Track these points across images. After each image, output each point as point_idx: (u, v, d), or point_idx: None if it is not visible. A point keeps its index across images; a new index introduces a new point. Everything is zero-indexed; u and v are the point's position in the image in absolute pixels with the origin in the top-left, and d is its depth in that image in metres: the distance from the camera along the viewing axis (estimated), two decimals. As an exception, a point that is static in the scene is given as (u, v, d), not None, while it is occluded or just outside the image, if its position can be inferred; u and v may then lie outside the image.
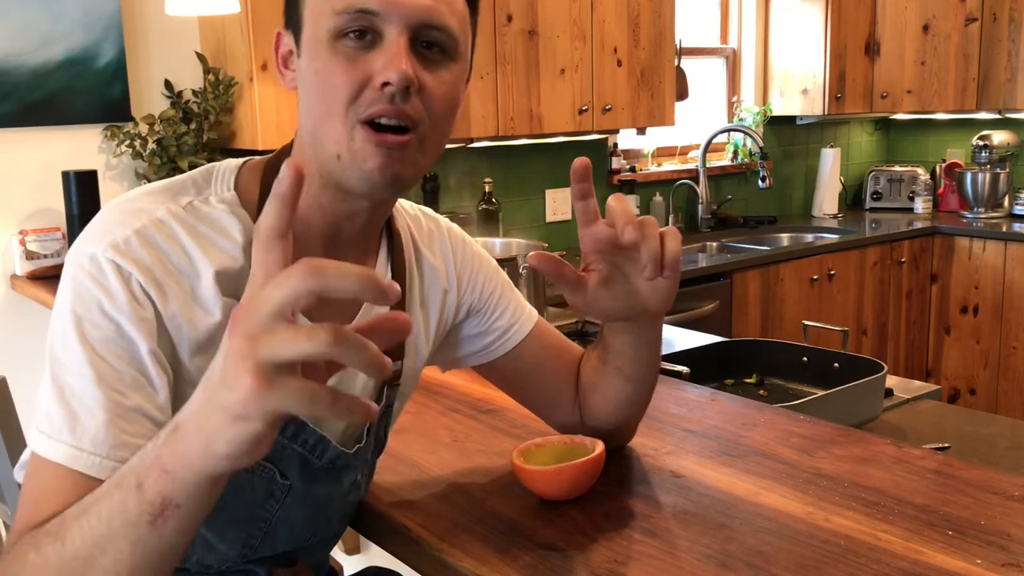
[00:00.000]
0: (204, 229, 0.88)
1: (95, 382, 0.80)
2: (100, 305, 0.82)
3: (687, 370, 1.59)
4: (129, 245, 0.84)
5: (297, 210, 0.90)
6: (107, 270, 0.82)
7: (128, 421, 0.81)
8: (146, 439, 0.79)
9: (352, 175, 0.88)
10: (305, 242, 0.94)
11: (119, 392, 0.81)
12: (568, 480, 1.04)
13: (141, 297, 0.83)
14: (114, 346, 0.82)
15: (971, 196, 4.14)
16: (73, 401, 0.80)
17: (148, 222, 0.86)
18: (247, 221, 0.90)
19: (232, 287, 0.88)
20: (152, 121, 2.68)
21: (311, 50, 0.88)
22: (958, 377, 4.02)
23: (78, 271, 0.84)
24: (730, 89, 4.25)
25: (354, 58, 0.85)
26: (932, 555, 0.91)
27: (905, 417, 1.63)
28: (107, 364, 0.81)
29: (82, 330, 0.81)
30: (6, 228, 2.57)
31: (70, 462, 0.79)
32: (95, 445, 0.80)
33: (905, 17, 4.09)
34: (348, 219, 0.94)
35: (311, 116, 0.89)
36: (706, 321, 3.13)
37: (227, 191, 0.92)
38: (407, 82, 0.85)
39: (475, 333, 1.13)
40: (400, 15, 0.85)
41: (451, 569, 0.94)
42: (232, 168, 0.95)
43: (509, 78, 2.97)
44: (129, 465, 0.70)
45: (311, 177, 0.92)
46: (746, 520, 0.99)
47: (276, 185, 0.64)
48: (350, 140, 0.86)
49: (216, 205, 0.90)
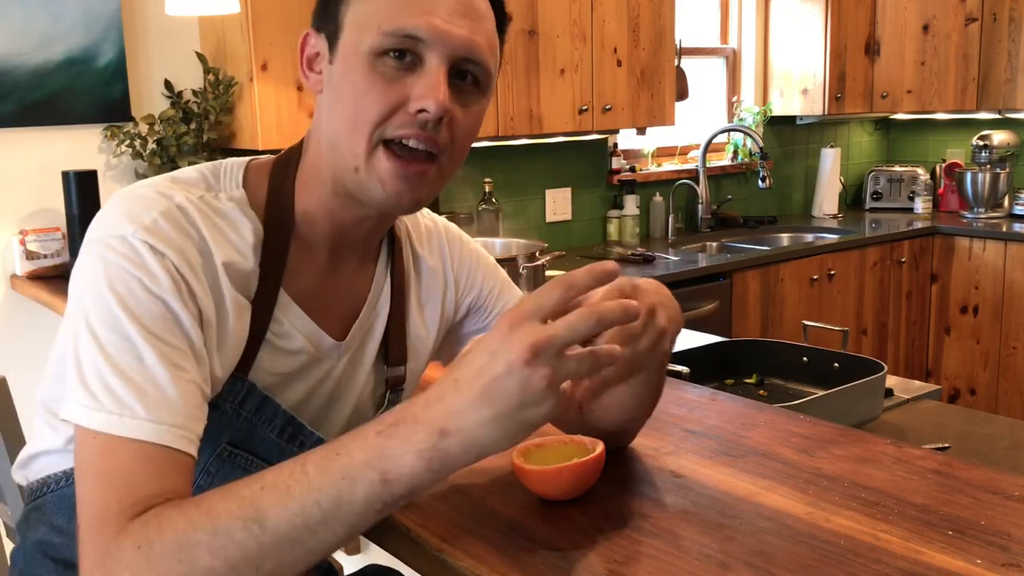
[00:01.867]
0: (218, 221, 0.89)
1: (158, 359, 0.80)
2: (143, 284, 0.82)
3: (687, 370, 1.59)
4: (158, 227, 0.84)
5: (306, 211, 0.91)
6: (142, 250, 0.82)
7: (191, 393, 0.82)
8: (200, 408, 0.82)
9: (370, 192, 0.89)
10: (310, 242, 0.94)
11: (179, 367, 0.81)
12: (568, 480, 1.04)
13: (177, 276, 0.83)
14: (164, 323, 0.82)
15: (971, 196, 4.14)
16: (138, 378, 0.79)
17: (171, 206, 0.86)
18: (256, 222, 0.91)
19: (239, 281, 0.89)
20: (152, 121, 2.68)
21: (349, 61, 0.88)
22: (958, 377, 4.02)
23: (109, 253, 0.83)
24: (730, 89, 4.25)
25: (392, 79, 0.86)
26: (932, 555, 0.91)
27: (905, 417, 1.63)
28: (163, 342, 0.81)
29: (130, 310, 0.81)
30: (6, 228, 2.57)
31: (155, 438, 0.78)
32: (173, 418, 0.79)
33: (905, 17, 4.09)
34: (355, 225, 0.95)
35: (333, 123, 0.89)
36: (706, 321, 3.13)
37: (236, 189, 0.93)
38: (444, 113, 0.86)
39: (475, 330, 1.13)
40: (444, 45, 0.86)
41: (451, 569, 0.94)
42: (239, 165, 0.95)
43: (509, 78, 2.97)
44: (348, 455, 0.73)
45: (323, 182, 0.92)
46: (746, 520, 0.99)
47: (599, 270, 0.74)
48: (370, 157, 0.87)
49: (226, 202, 0.91)
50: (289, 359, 0.94)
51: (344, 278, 0.99)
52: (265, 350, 0.92)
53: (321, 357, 0.96)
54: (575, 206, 3.67)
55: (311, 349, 0.95)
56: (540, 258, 1.99)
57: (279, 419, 0.93)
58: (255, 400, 0.91)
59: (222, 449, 0.92)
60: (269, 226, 0.92)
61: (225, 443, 0.91)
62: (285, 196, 0.93)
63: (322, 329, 0.96)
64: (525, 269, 1.94)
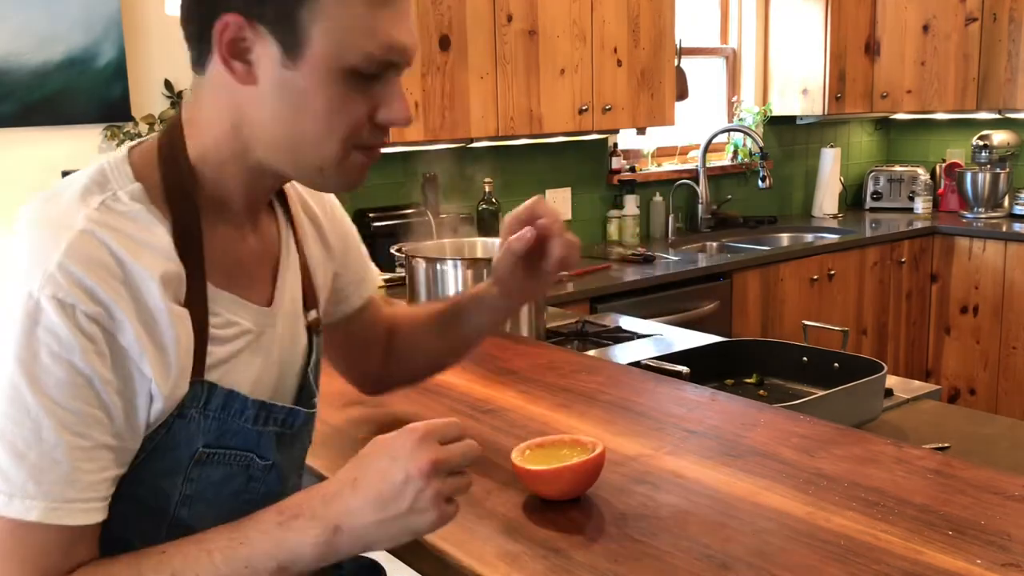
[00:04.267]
0: (129, 230, 0.84)
1: (56, 431, 0.78)
2: (48, 348, 0.78)
3: (687, 370, 1.59)
4: (64, 271, 0.79)
5: (221, 188, 0.92)
6: (48, 309, 0.78)
7: (91, 461, 0.80)
8: (107, 471, 0.83)
9: (328, 185, 0.95)
10: (218, 221, 0.93)
11: (80, 435, 0.80)
12: (568, 480, 1.04)
13: (88, 328, 0.79)
14: (68, 388, 0.79)
15: (971, 196, 4.14)
16: (32, 455, 0.78)
17: (74, 238, 0.81)
18: (163, 219, 0.88)
19: (173, 288, 0.86)
20: (152, 121, 2.68)
21: (321, 73, 0.86)
22: (958, 377, 4.02)
23: (17, 315, 0.79)
24: (730, 89, 4.25)
25: (363, 91, 0.88)
26: (932, 555, 0.91)
27: (905, 417, 1.63)
28: (65, 410, 0.79)
29: (34, 379, 0.78)
30: (6, 228, 2.57)
31: (47, 518, 0.78)
32: (66, 494, 0.79)
33: (905, 17, 4.09)
34: (265, 192, 0.98)
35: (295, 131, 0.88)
36: (706, 321, 3.13)
37: (130, 182, 0.88)
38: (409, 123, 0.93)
39: (342, 285, 1.18)
40: (406, 60, 0.91)
41: (451, 569, 0.94)
42: (121, 159, 0.91)
43: (509, 78, 2.97)
44: (248, 545, 0.83)
45: (234, 159, 0.91)
46: (746, 520, 0.99)
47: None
48: (343, 159, 0.90)
49: (128, 202, 0.86)
50: (235, 344, 0.93)
51: (253, 242, 0.99)
52: (212, 344, 0.90)
53: (261, 330, 0.96)
54: (575, 206, 3.67)
55: (251, 325, 0.95)
56: (540, 258, 1.98)
57: (249, 409, 0.93)
58: (219, 398, 0.90)
59: (199, 454, 0.90)
60: (177, 219, 0.89)
61: (201, 447, 0.90)
62: (185, 181, 0.90)
63: (252, 301, 0.95)
64: (525, 269, 1.94)
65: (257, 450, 0.95)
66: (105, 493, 0.82)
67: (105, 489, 0.82)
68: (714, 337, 2.01)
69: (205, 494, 0.93)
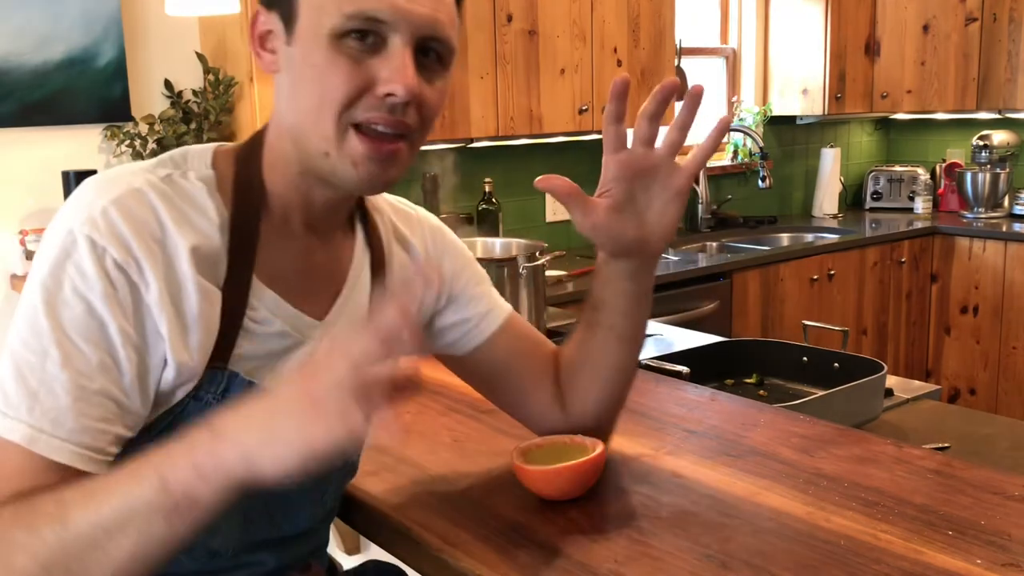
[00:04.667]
0: (181, 203, 0.87)
1: (61, 363, 0.79)
2: (72, 283, 0.81)
3: (687, 370, 1.59)
4: (106, 216, 0.82)
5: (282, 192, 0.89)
6: (82, 246, 0.81)
7: (92, 405, 0.80)
8: (108, 423, 0.81)
9: (342, 174, 0.88)
10: (284, 224, 0.94)
11: (85, 375, 0.80)
12: (568, 480, 1.04)
13: (115, 274, 0.82)
14: (83, 326, 0.81)
15: (971, 196, 4.14)
16: (32, 379, 0.79)
17: (125, 191, 0.85)
18: (221, 205, 0.90)
19: (207, 267, 0.87)
20: (152, 121, 2.68)
21: (308, 43, 0.86)
22: (958, 377, 4.02)
23: (54, 246, 0.83)
24: (730, 89, 4.25)
25: (357, 60, 0.85)
26: (932, 555, 0.91)
27: (905, 417, 1.63)
28: (74, 345, 0.80)
29: (52, 307, 0.80)
30: (6, 228, 2.57)
31: (28, 443, 0.78)
32: (55, 427, 0.79)
33: (905, 17, 4.09)
34: (325, 204, 0.95)
35: (297, 108, 0.88)
36: (706, 321, 3.13)
37: (205, 168, 0.91)
38: (413, 97, 0.85)
39: (451, 323, 1.11)
40: (408, 24, 0.85)
41: (451, 569, 0.94)
42: (207, 150, 0.94)
43: (509, 78, 2.97)
44: (147, 460, 0.73)
45: (289, 164, 0.92)
46: (746, 520, 0.99)
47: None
48: (340, 140, 0.86)
49: (195, 181, 0.89)
50: (270, 342, 0.93)
51: (323, 258, 0.98)
52: (244, 337, 0.90)
53: (304, 338, 0.96)
54: (575, 206, 3.67)
55: (292, 332, 0.94)
56: (540, 258, 1.99)
57: None
58: (238, 388, 0.90)
59: None
60: (237, 210, 0.90)
61: None
62: (254, 179, 0.92)
63: (302, 311, 0.95)
64: (525, 269, 1.94)
65: None
66: (103, 446, 0.81)
67: (106, 443, 0.81)
68: (714, 337, 2.01)
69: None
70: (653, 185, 0.98)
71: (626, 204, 0.98)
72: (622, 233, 0.99)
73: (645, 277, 1.05)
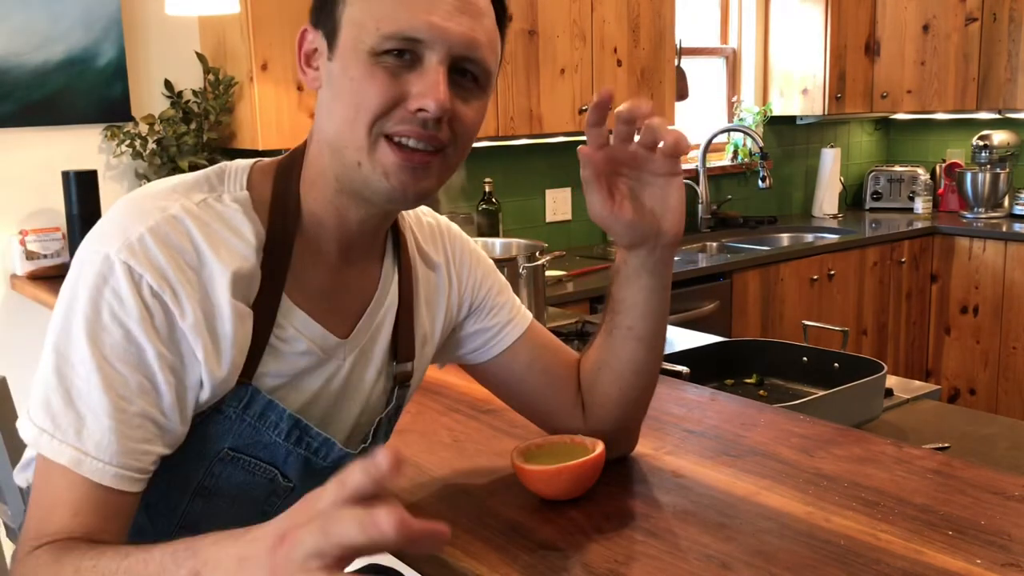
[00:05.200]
0: (217, 228, 0.88)
1: (102, 388, 0.82)
2: (111, 309, 0.83)
3: (687, 370, 1.59)
4: (143, 244, 0.84)
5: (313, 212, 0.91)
6: (119, 272, 0.83)
7: (132, 427, 0.83)
8: (149, 443, 0.84)
9: (375, 185, 0.89)
10: (318, 242, 0.94)
11: (125, 399, 0.82)
12: (568, 480, 1.04)
13: (151, 301, 0.84)
14: (122, 351, 0.83)
15: (971, 196, 4.14)
16: (79, 404, 0.82)
17: (162, 219, 0.86)
18: (258, 224, 0.91)
19: (242, 288, 0.88)
20: (152, 121, 2.68)
21: (348, 58, 0.88)
22: (958, 377, 4.02)
23: (90, 271, 0.84)
24: (730, 89, 4.25)
25: (393, 74, 0.86)
26: (932, 555, 0.91)
27: (905, 417, 1.63)
28: (114, 370, 0.82)
29: (92, 333, 0.82)
30: (6, 228, 2.57)
31: (75, 466, 0.81)
32: (99, 450, 0.81)
33: (905, 17, 4.09)
34: (361, 222, 0.95)
35: (334, 120, 0.90)
36: (706, 321, 3.13)
37: (240, 190, 0.93)
38: (444, 113, 0.87)
39: (473, 331, 1.13)
40: (443, 43, 0.86)
41: (451, 569, 0.94)
42: (244, 167, 0.95)
43: (509, 78, 2.97)
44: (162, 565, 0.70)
45: (327, 180, 0.93)
46: (746, 520, 0.99)
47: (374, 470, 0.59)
48: (372, 150, 0.87)
49: (230, 204, 0.90)
50: (295, 361, 0.94)
51: (352, 276, 0.99)
52: (269, 354, 0.91)
53: (328, 357, 0.96)
54: (575, 206, 3.67)
55: (317, 350, 0.95)
56: (540, 258, 1.99)
57: (284, 423, 0.93)
58: (259, 405, 0.91)
59: (224, 453, 0.92)
60: (273, 228, 0.92)
61: (228, 447, 0.92)
62: (291, 198, 0.93)
63: (328, 329, 0.96)
64: (525, 269, 1.94)
65: (283, 467, 0.95)
66: (144, 466, 0.84)
67: (147, 463, 0.84)
68: (714, 337, 2.01)
69: (223, 493, 0.94)
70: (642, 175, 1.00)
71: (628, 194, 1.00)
72: (636, 220, 0.99)
73: (664, 270, 1.04)
